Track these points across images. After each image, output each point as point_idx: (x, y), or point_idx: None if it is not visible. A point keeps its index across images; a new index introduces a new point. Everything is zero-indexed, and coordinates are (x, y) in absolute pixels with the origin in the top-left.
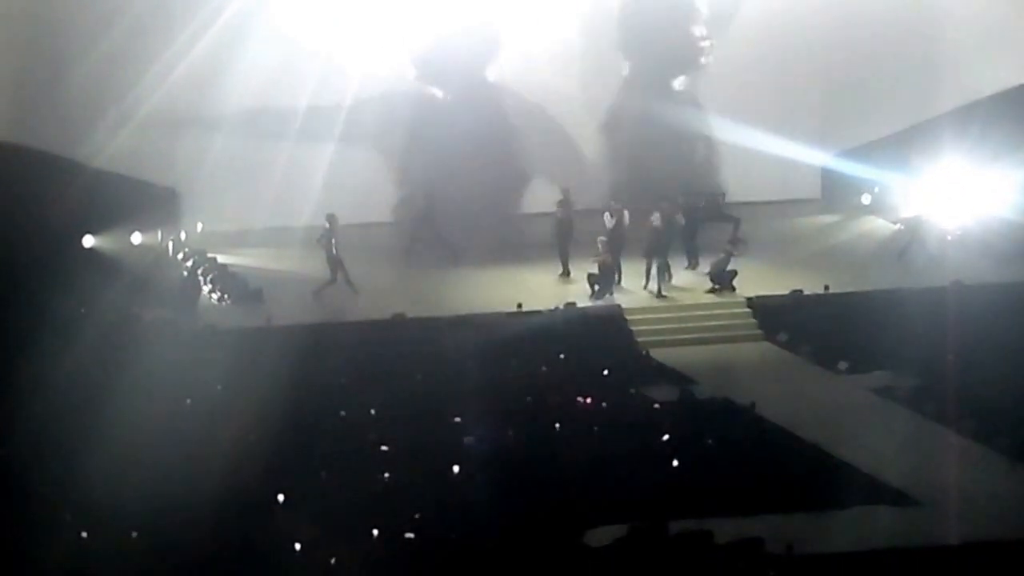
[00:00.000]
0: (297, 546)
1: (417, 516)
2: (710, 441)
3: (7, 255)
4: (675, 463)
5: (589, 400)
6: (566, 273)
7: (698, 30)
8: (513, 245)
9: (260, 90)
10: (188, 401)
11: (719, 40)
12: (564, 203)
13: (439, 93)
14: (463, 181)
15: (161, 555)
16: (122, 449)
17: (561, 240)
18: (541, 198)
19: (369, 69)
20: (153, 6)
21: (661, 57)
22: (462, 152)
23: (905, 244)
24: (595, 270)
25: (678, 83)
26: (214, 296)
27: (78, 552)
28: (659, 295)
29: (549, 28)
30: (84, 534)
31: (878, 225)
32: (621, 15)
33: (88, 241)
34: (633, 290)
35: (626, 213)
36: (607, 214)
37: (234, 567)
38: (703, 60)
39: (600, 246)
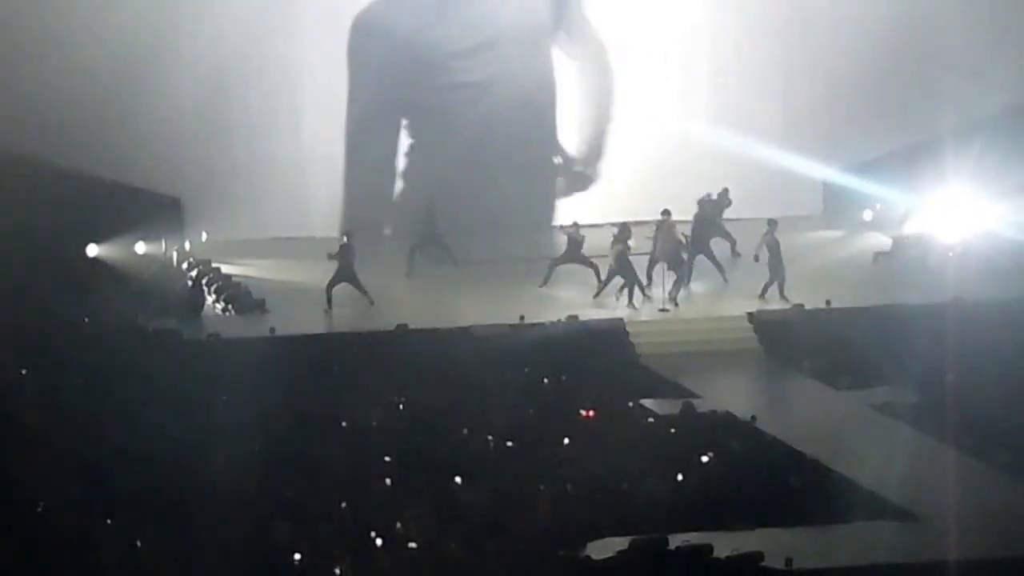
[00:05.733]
0: (297, 556)
1: (419, 527)
2: (710, 454)
3: (10, 264)
4: (675, 476)
5: (590, 412)
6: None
7: None
8: (517, 257)
9: (265, 100)
10: (191, 411)
11: (723, 54)
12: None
13: (448, 102)
14: (470, 191)
15: (163, 564)
16: (124, 458)
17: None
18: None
19: (376, 79)
20: (158, 14)
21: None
22: (469, 162)
23: (895, 254)
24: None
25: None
26: (218, 306)
27: (79, 562)
28: (673, 302)
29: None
30: (86, 544)
31: (880, 241)
32: None
33: (92, 250)
34: (636, 303)
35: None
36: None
37: None
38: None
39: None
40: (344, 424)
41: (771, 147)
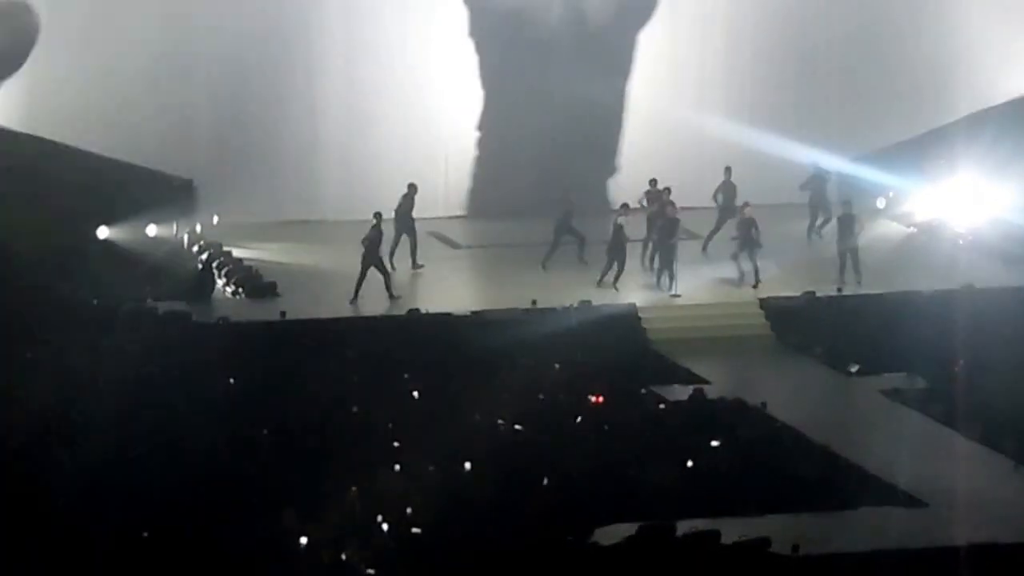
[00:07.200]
0: (304, 540)
1: (426, 512)
2: (720, 441)
3: (22, 245)
4: (685, 462)
5: (601, 398)
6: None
7: None
8: (527, 243)
9: (279, 82)
10: (200, 394)
11: (737, 43)
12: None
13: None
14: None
15: (168, 550)
16: (132, 441)
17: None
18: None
19: (389, 66)
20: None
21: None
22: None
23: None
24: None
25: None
26: (228, 289)
27: (83, 547)
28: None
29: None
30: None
31: (892, 229)
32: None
33: (103, 232)
34: (646, 288)
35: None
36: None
37: (241, 562)
38: None
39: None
40: (354, 409)
41: (786, 135)
